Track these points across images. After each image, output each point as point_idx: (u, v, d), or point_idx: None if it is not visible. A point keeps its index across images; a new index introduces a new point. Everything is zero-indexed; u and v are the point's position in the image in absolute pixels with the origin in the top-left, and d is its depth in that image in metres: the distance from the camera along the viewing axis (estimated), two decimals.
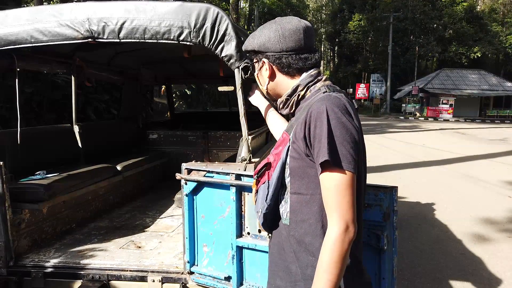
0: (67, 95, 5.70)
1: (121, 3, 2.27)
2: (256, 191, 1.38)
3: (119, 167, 3.65)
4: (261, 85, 1.44)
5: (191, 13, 2.19)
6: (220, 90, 6.43)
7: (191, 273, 2.24)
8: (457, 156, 11.21)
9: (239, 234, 2.09)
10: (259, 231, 2.04)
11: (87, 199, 3.26)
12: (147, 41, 2.24)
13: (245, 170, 2.10)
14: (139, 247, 2.70)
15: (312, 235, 1.21)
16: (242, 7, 35.57)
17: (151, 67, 4.89)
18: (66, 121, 5.66)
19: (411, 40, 37.52)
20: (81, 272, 2.33)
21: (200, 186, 2.19)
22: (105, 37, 2.27)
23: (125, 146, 4.54)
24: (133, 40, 2.25)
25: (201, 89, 14.41)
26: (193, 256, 2.26)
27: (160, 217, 3.38)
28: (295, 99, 1.33)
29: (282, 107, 1.39)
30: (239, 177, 2.05)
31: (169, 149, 4.81)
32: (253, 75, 1.49)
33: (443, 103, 31.06)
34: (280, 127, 1.73)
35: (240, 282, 2.12)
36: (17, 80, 2.79)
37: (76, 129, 3.61)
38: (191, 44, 2.24)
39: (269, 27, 1.34)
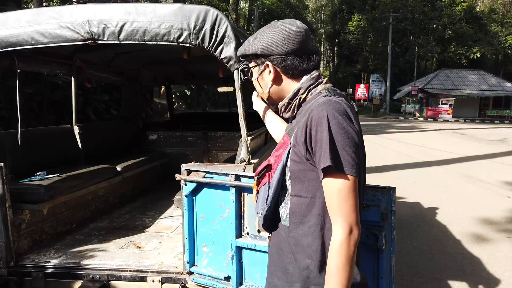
0: (67, 96, 5.73)
1: (121, 5, 2.29)
2: (257, 192, 1.40)
3: (119, 168, 3.66)
4: (262, 89, 1.43)
5: (191, 15, 2.20)
6: (220, 90, 6.45)
7: (191, 273, 2.25)
8: (456, 156, 11.22)
9: (239, 235, 2.10)
10: (259, 231, 2.06)
11: (87, 199, 3.28)
12: (147, 43, 2.25)
13: (244, 171, 2.11)
14: (139, 248, 2.71)
15: (311, 236, 1.22)
16: (241, 7, 35.61)
17: (151, 67, 4.90)
18: (65, 121, 5.69)
19: (410, 41, 37.55)
20: (81, 273, 2.34)
21: (199, 187, 2.20)
22: (105, 39, 2.29)
23: (125, 146, 4.56)
24: (133, 42, 2.27)
25: (200, 89, 14.43)
26: (193, 256, 2.27)
27: (160, 217, 3.39)
28: (296, 102, 1.33)
29: (284, 111, 1.39)
30: (238, 178, 2.06)
31: (169, 149, 4.82)
32: (251, 79, 1.47)
33: (442, 104, 31.08)
34: (280, 129, 1.74)
35: (240, 282, 2.13)
36: (17, 81, 2.80)
37: (76, 129, 3.63)
38: (190, 46, 2.26)
39: (272, 30, 1.33)
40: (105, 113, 7.00)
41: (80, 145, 3.63)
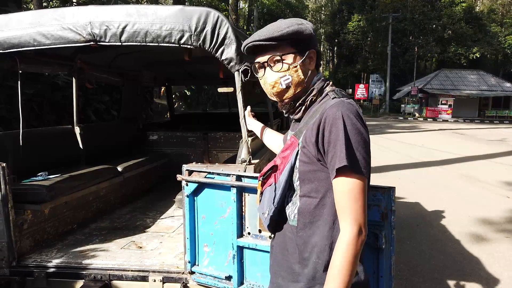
0: (68, 96, 5.75)
1: (122, 7, 2.31)
2: (261, 193, 1.40)
3: (119, 168, 3.68)
4: (298, 78, 1.30)
5: (192, 17, 2.22)
6: (220, 91, 6.46)
7: (192, 272, 2.26)
8: (456, 156, 11.24)
9: (240, 234, 2.12)
10: (260, 231, 2.07)
11: (88, 200, 3.29)
12: (148, 44, 2.27)
13: (245, 171, 2.13)
14: (140, 248, 2.72)
15: (320, 236, 1.23)
16: (241, 7, 35.61)
17: (151, 68, 4.91)
18: (66, 122, 5.70)
19: (410, 41, 37.58)
20: (83, 272, 2.36)
21: (201, 187, 2.21)
22: (107, 40, 2.30)
23: (126, 147, 4.57)
24: (134, 44, 2.28)
25: (200, 90, 14.43)
26: (194, 256, 2.28)
27: (161, 217, 3.41)
28: (307, 103, 1.33)
29: (293, 112, 1.36)
30: (239, 178, 2.08)
31: (169, 150, 4.83)
32: (255, 77, 1.44)
33: (442, 104, 31.10)
34: (277, 141, 1.78)
35: (241, 281, 2.14)
36: (19, 82, 2.82)
37: (77, 130, 3.65)
38: (191, 47, 2.27)
39: (295, 22, 1.28)
40: (105, 113, 7.01)
41: (81, 146, 3.64)
